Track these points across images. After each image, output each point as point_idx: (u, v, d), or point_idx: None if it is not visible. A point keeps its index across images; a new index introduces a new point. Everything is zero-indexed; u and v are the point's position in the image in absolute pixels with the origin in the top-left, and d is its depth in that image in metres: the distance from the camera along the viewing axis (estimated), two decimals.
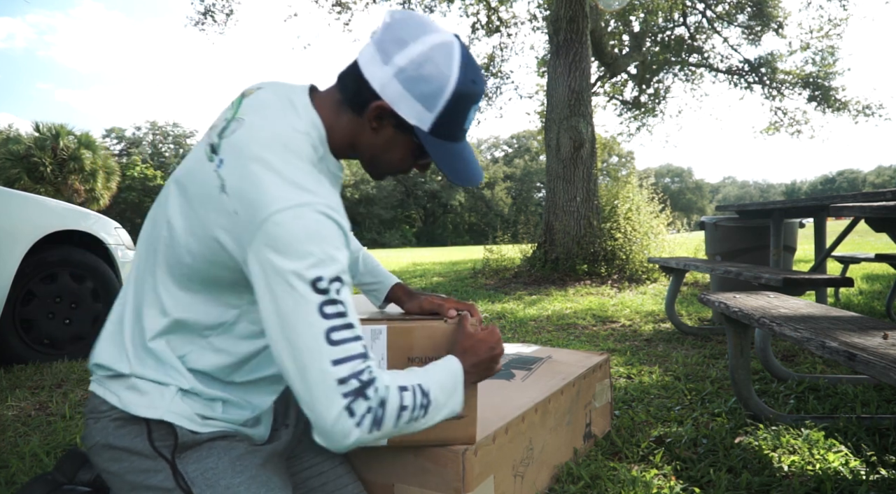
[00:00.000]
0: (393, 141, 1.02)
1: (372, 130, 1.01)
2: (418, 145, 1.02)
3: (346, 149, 1.05)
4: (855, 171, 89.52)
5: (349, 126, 1.02)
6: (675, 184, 79.22)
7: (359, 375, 0.87)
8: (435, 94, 0.97)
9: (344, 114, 1.02)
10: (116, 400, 0.98)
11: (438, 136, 1.01)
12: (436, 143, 1.01)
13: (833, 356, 1.35)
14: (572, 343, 3.51)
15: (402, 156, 1.04)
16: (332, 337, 0.86)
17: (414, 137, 1.01)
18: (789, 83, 13.24)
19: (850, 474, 1.55)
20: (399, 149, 1.03)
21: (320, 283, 0.87)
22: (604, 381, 1.95)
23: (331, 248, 0.88)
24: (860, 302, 4.57)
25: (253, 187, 0.90)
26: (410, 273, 9.91)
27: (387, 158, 1.05)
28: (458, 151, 1.04)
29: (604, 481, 1.56)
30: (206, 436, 1.00)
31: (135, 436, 0.98)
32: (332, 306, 0.87)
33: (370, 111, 0.98)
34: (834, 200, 2.93)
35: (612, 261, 7.09)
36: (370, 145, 1.03)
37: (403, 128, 1.00)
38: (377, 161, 1.06)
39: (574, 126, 7.33)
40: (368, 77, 0.97)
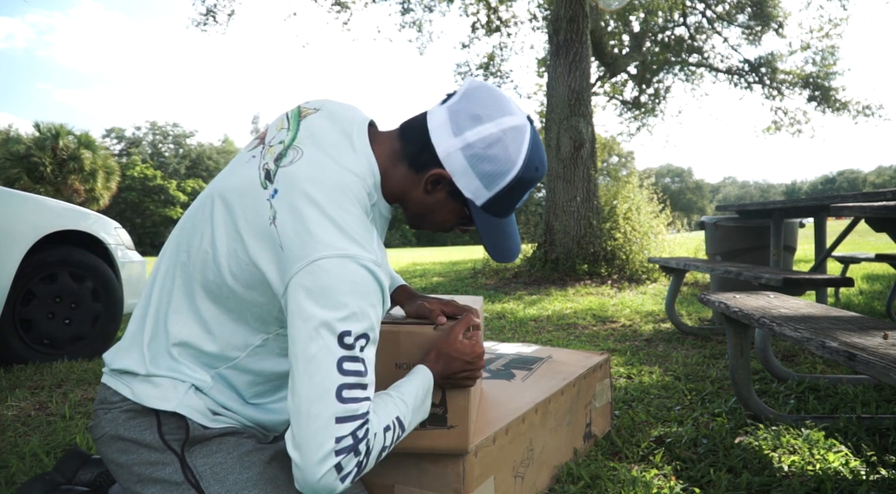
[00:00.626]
0: (443, 205, 1.04)
1: (425, 191, 1.03)
2: (467, 215, 1.05)
3: (394, 198, 1.06)
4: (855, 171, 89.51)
5: (403, 179, 1.03)
6: (675, 184, 79.21)
7: (356, 432, 0.88)
8: (497, 176, 0.99)
9: (400, 166, 1.03)
10: (129, 391, 0.99)
11: (489, 212, 1.03)
12: (485, 218, 1.04)
13: (833, 356, 1.35)
14: (572, 343, 3.51)
15: (448, 219, 1.07)
16: (343, 394, 0.87)
17: (465, 208, 1.04)
18: (789, 83, 13.25)
19: (850, 474, 1.55)
20: (447, 214, 1.06)
21: (347, 338, 0.88)
22: (604, 381, 1.95)
23: (366, 305, 0.90)
24: (860, 302, 4.57)
25: (303, 227, 0.90)
26: (410, 273, 9.91)
27: (432, 218, 1.08)
28: (503, 227, 1.07)
29: (604, 481, 1.56)
30: (216, 432, 1.00)
31: (145, 429, 0.98)
32: (353, 363, 0.88)
33: (429, 176, 1.00)
34: (834, 200, 2.93)
35: (612, 261, 7.09)
36: (419, 203, 1.05)
37: (456, 197, 1.02)
38: (422, 218, 1.08)
39: (574, 126, 7.33)
40: (435, 142, 0.99)
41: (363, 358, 0.90)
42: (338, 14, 10.90)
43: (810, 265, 6.53)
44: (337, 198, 0.93)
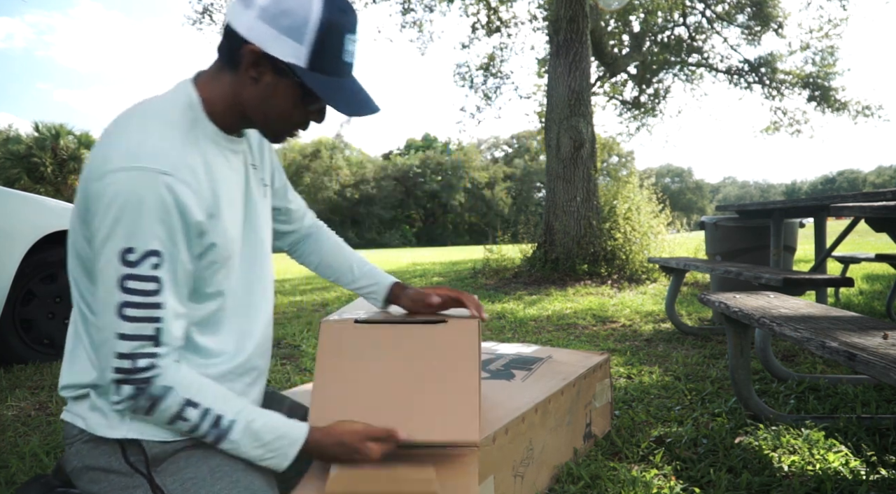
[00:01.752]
0: (275, 87, 0.97)
1: (252, 82, 0.97)
2: (303, 88, 0.97)
3: (235, 115, 1.02)
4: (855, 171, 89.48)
5: (230, 86, 0.99)
6: (675, 184, 79.19)
7: (136, 359, 0.89)
8: (300, 26, 0.93)
9: (223, 77, 0.99)
10: (83, 422, 0.99)
11: (320, 71, 0.96)
12: (319, 79, 0.96)
13: (833, 356, 1.35)
14: (572, 343, 3.51)
15: (289, 102, 0.99)
16: (125, 312, 0.88)
17: (295, 78, 0.96)
18: (789, 83, 13.24)
19: (850, 474, 1.55)
20: (284, 96, 0.98)
21: (130, 255, 0.87)
22: (604, 381, 1.95)
23: (153, 220, 0.87)
24: (860, 302, 4.57)
25: (93, 156, 0.91)
26: (410, 273, 9.91)
27: (275, 109, 0.99)
28: (345, 85, 1.00)
29: (604, 481, 1.56)
30: (182, 445, 0.99)
31: (110, 455, 0.98)
32: (138, 282, 0.88)
33: (245, 59, 0.95)
34: (834, 200, 2.93)
35: (612, 261, 7.09)
36: (255, 99, 0.99)
37: (282, 72, 0.96)
38: (267, 115, 1.01)
39: (574, 126, 7.33)
40: (235, 26, 0.95)
41: (155, 277, 0.88)
42: None
43: (810, 265, 6.53)
44: (132, 120, 0.93)
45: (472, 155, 54.39)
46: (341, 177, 49.53)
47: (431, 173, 52.17)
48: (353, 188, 49.99)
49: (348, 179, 50.01)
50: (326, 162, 49.36)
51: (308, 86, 0.96)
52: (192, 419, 0.93)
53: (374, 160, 58.02)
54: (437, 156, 53.43)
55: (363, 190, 50.27)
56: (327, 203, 48.75)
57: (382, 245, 46.92)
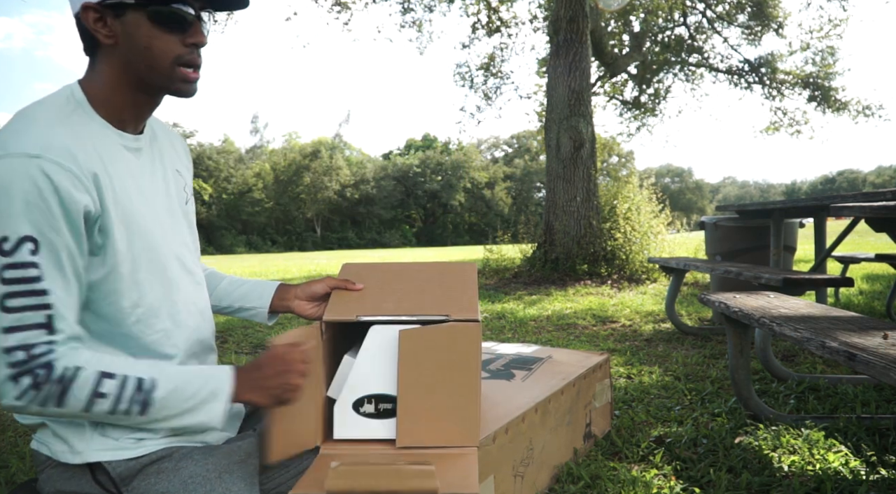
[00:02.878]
0: (129, 31, 0.93)
1: (111, 40, 0.94)
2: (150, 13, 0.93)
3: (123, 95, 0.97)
4: (855, 171, 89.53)
5: (104, 67, 0.95)
6: (675, 184, 79.23)
7: (30, 349, 0.83)
8: None
9: (97, 65, 0.96)
10: (48, 450, 0.98)
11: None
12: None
13: (833, 356, 1.35)
14: (572, 343, 3.51)
15: (150, 36, 0.93)
16: (6, 303, 0.83)
17: (137, 7, 0.92)
18: (789, 83, 13.24)
19: (850, 474, 1.55)
20: (140, 32, 0.93)
21: (5, 244, 0.83)
22: (604, 381, 1.95)
23: (20, 204, 0.83)
24: (860, 302, 4.57)
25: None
26: None
27: (145, 52, 0.94)
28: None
29: (604, 481, 1.56)
30: (149, 459, 0.97)
31: (80, 479, 0.97)
32: (15, 270, 0.83)
33: (88, 24, 0.92)
34: (834, 200, 2.93)
35: (612, 261, 7.09)
36: (127, 58, 0.94)
37: (120, 8, 0.92)
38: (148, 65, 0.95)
39: (574, 126, 7.33)
40: (73, 11, 0.94)
41: (35, 263, 0.84)
42: (338, 14, 10.89)
43: (810, 265, 6.53)
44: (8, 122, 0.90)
45: (472, 155, 54.38)
46: (341, 177, 49.53)
47: (431, 173, 52.19)
48: (353, 188, 49.99)
49: (348, 179, 50.01)
50: (326, 162, 49.36)
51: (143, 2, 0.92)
52: (111, 392, 0.86)
53: (374, 160, 58.06)
54: (437, 156, 53.42)
55: (363, 190, 50.28)
56: (327, 203, 48.74)
57: (382, 245, 46.91)
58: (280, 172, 49.49)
